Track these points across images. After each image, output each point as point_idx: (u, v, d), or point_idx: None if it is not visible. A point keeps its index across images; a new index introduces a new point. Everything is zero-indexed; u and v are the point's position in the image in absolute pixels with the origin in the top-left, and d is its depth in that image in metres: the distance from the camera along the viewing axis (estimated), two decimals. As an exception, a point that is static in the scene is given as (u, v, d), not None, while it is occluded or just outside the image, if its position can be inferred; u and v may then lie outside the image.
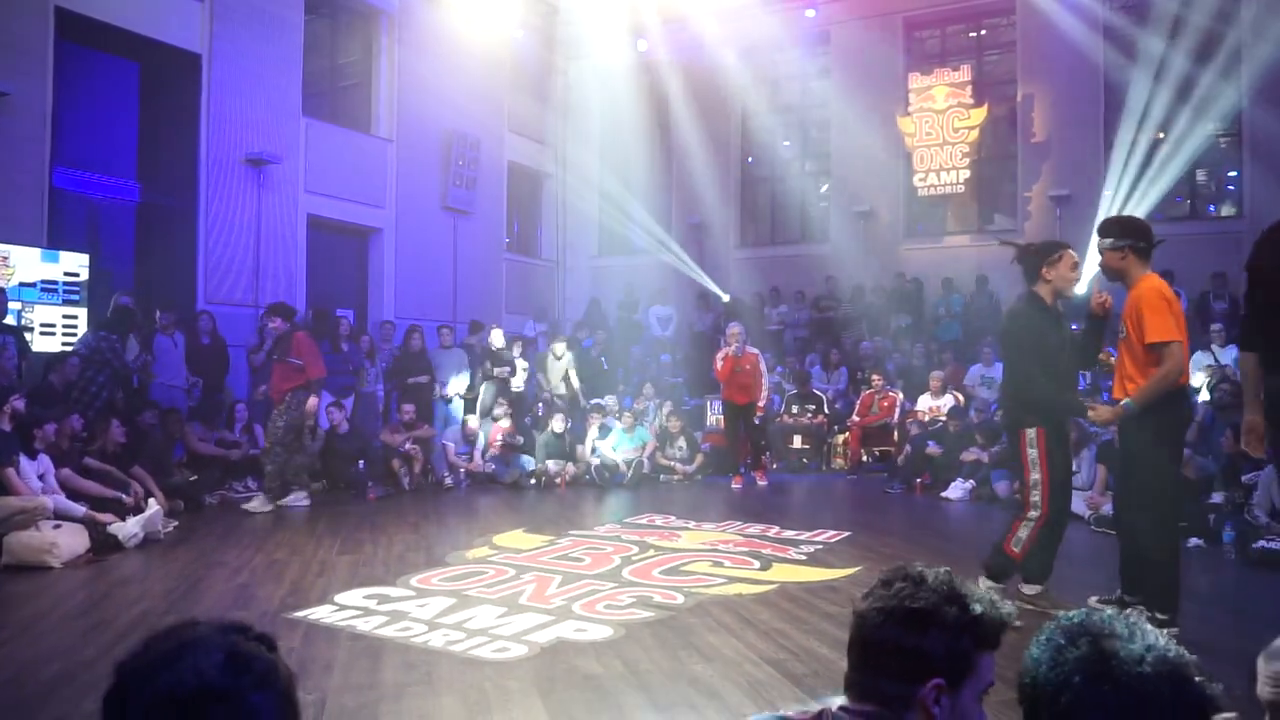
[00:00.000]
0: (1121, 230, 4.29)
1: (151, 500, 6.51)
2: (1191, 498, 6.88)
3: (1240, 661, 1.26)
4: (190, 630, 1.10)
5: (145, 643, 1.09)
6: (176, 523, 6.89)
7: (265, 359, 8.64)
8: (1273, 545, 5.76)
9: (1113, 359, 4.50)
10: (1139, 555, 4.25)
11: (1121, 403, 4.18)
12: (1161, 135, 13.66)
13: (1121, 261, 4.22)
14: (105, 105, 10.20)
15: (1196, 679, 1.16)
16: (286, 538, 6.63)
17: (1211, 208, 13.47)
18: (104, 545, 5.94)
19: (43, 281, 8.58)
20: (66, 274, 8.78)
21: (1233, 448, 6.78)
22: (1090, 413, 4.42)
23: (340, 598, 4.87)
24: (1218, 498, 6.71)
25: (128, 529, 6.09)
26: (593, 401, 10.81)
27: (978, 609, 1.35)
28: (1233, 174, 13.06)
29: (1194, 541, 6.36)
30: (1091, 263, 12.61)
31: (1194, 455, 7.13)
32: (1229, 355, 9.49)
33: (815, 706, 1.44)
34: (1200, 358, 9.54)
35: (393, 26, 13.05)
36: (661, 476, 9.99)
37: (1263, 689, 1.24)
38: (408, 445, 9.34)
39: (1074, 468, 7.75)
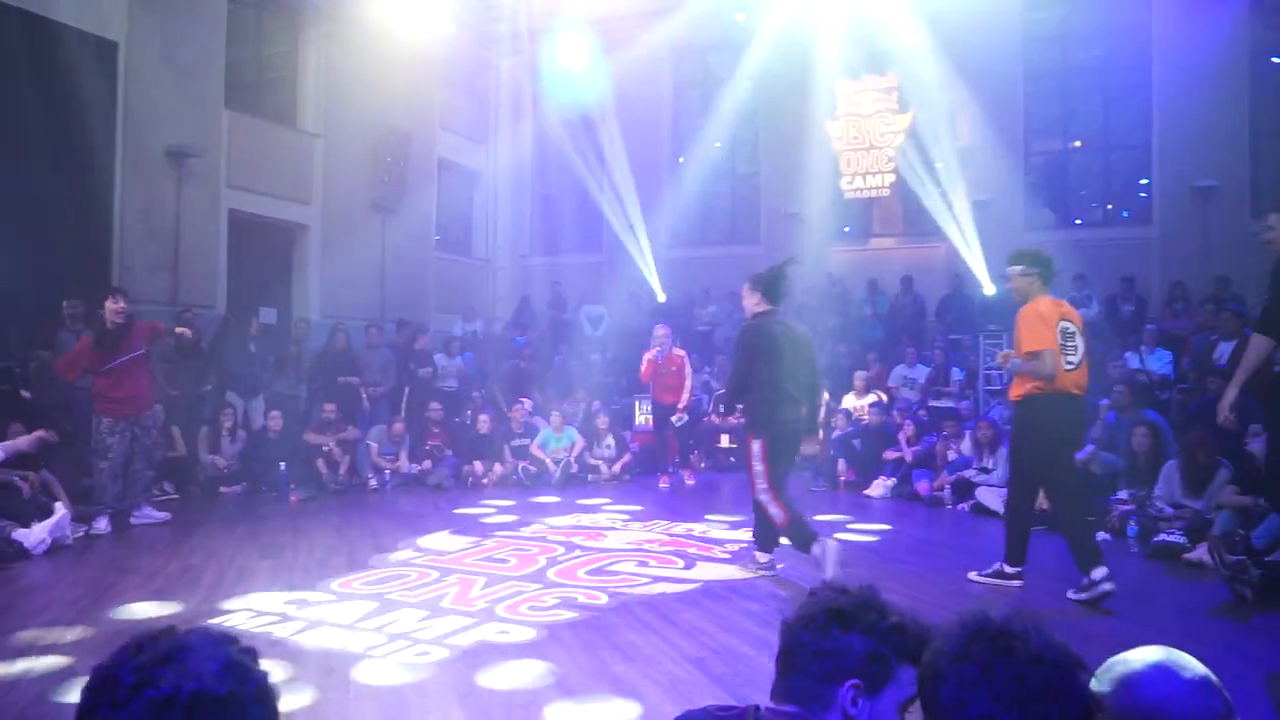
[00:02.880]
0: (1032, 260, 5.12)
1: (58, 505, 6.27)
2: (1098, 493, 7.16)
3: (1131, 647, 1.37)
4: (179, 635, 1.09)
5: (135, 644, 1.07)
6: (86, 528, 6.67)
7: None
8: (1171, 538, 6.03)
9: (1008, 363, 5.22)
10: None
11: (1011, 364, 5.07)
12: (1078, 144, 14.19)
13: (1030, 286, 5.07)
14: (14, 93, 9.78)
15: (1082, 677, 1.27)
16: (203, 543, 6.46)
17: (1125, 214, 14.00)
18: (8, 553, 5.71)
19: (-57, 277, 8.21)
20: (-29, 269, 8.42)
21: (1142, 445, 7.06)
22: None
23: (258, 603, 4.77)
24: (1124, 494, 6.97)
25: (34, 535, 5.87)
26: (518, 400, 10.79)
27: (895, 618, 1.41)
28: (1144, 181, 13.59)
29: (1101, 535, 6.60)
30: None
31: (1098, 452, 7.42)
32: (1159, 360, 9.90)
33: (743, 704, 1.48)
34: (1130, 358, 9.92)
35: (320, 19, 12.79)
36: (590, 476, 9.99)
37: None
38: (331, 445, 9.21)
39: (989, 465, 8.02)
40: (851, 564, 5.50)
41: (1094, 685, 1.29)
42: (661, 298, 14.51)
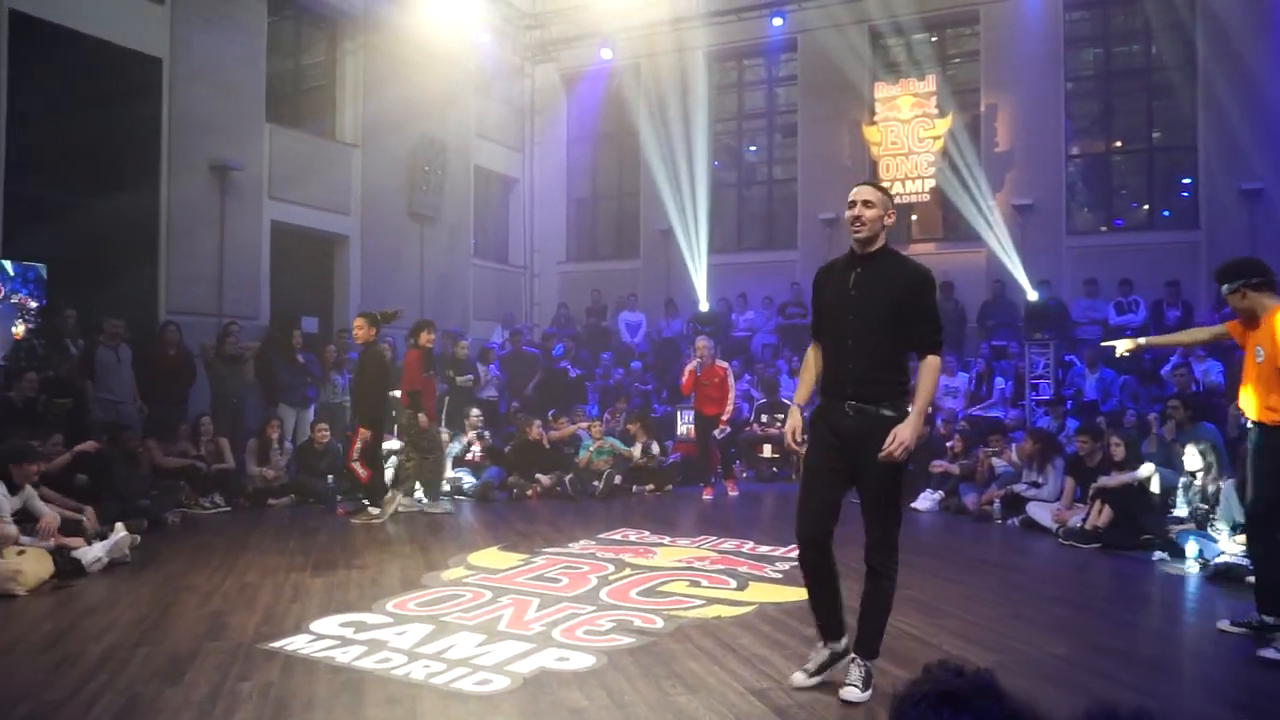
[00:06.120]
0: (1234, 274, 4.54)
1: (118, 524, 6.36)
2: (1150, 512, 7.02)
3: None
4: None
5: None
6: (137, 538, 6.75)
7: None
8: (1233, 560, 5.89)
9: None
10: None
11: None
12: (1120, 144, 13.97)
13: (1242, 301, 4.49)
14: (61, 111, 9.93)
15: None
16: (256, 559, 6.53)
17: (1166, 213, 13.76)
18: (67, 570, 5.80)
19: (-5, 292, 8.37)
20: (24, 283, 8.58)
21: (1196, 464, 6.89)
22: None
23: (316, 625, 4.80)
24: (1182, 510, 6.83)
25: (92, 553, 5.96)
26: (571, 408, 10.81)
27: (1010, 707, 1.38)
28: (1186, 181, 13.36)
29: (1157, 555, 6.49)
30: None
31: (1159, 469, 7.27)
32: (1213, 369, 9.78)
33: None
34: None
35: (356, 30, 12.90)
36: (634, 488, 9.97)
37: None
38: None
39: (1040, 480, 7.90)
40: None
41: None
42: (705, 305, 14.46)
